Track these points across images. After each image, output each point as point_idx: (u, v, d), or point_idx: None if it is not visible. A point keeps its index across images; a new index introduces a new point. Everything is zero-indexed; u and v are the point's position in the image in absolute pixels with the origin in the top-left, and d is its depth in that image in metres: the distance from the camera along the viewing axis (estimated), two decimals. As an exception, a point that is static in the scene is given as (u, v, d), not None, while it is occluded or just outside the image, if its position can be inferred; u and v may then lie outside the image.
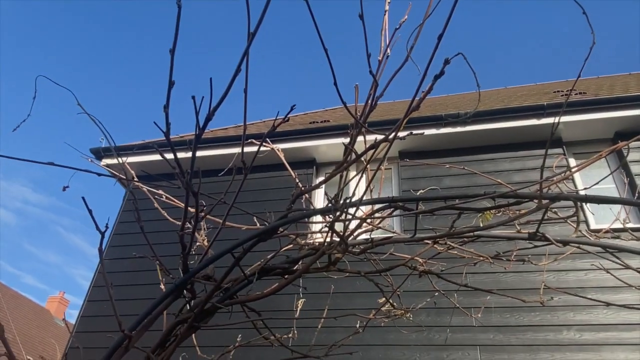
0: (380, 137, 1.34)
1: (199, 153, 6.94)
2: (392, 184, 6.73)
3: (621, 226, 2.40)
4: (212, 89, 0.98)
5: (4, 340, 1.06)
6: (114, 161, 7.13)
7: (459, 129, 6.35)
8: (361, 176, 1.56)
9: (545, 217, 1.67)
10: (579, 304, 5.04)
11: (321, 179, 7.18)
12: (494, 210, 1.93)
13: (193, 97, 0.96)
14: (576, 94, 7.33)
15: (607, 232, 2.34)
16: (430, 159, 6.40)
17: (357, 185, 1.56)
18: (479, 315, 2.88)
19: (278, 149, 2.00)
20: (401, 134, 1.41)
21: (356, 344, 5.09)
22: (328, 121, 8.02)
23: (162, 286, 2.17)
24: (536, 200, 1.47)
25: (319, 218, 3.28)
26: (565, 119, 6.16)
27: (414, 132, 1.34)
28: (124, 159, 2.37)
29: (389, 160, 6.97)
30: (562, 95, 7.34)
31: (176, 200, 1.94)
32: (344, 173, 1.49)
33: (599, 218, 5.57)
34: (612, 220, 2.32)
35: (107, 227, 1.17)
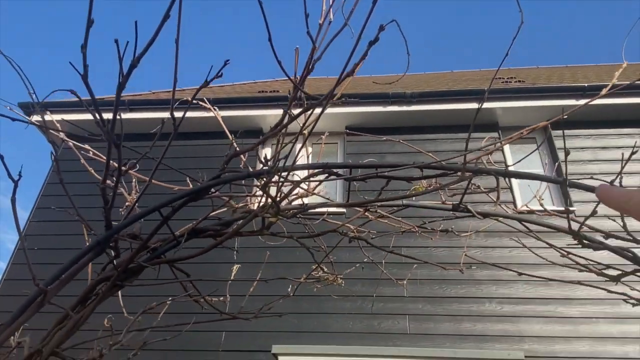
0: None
1: (131, 115, 6.65)
2: (337, 159, 6.80)
3: (540, 208, 2.58)
4: (137, 34, 0.94)
5: None
6: (45, 118, 6.68)
7: (404, 107, 6.49)
8: (302, 144, 1.56)
9: (469, 191, 1.76)
10: (501, 278, 5.41)
11: (267, 149, 7.13)
12: (425, 184, 2.02)
13: (116, 41, 0.91)
14: (516, 81, 7.68)
15: (530, 212, 2.50)
16: (377, 134, 6.50)
17: (292, 150, 1.56)
18: (405, 282, 3.03)
19: (214, 109, 1.96)
20: (340, 111, 1.42)
21: (293, 312, 5.21)
22: (277, 91, 7.92)
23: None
24: (460, 173, 1.55)
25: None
26: (502, 104, 6.45)
27: (349, 99, 1.35)
28: (55, 116, 2.23)
29: (335, 135, 7.03)
30: (503, 82, 7.66)
31: (102, 156, 1.85)
32: (281, 136, 1.48)
33: (527, 199, 5.94)
34: (535, 202, 2.48)
35: (20, 175, 1.11)
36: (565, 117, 1.56)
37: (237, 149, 1.71)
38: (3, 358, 1.72)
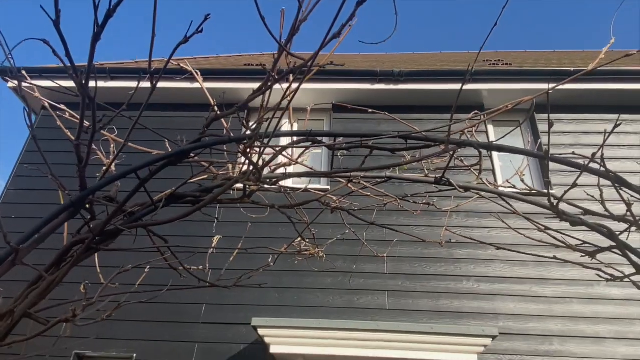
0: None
1: (113, 84, 6.47)
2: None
3: (522, 185, 2.61)
4: (113, -20, 0.89)
5: None
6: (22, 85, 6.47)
7: (392, 86, 6.45)
8: (285, 109, 1.53)
9: (452, 166, 1.76)
10: (479, 257, 5.50)
11: (251, 123, 7.03)
12: (407, 157, 2.01)
13: (90, -14, 0.86)
14: (503, 64, 7.68)
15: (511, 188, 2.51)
16: (364, 114, 6.46)
17: (277, 123, 1.53)
18: (385, 255, 3.07)
19: (196, 73, 1.90)
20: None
21: (274, 287, 5.24)
22: (264, 65, 7.78)
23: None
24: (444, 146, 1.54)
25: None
26: (488, 86, 6.46)
27: (335, 62, 1.32)
28: (34, 82, 2.15)
29: (321, 112, 6.97)
30: (490, 64, 7.66)
31: (77, 116, 1.80)
32: (266, 99, 1.45)
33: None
34: (516, 180, 2.50)
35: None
36: (551, 91, 1.55)
37: (218, 112, 1.67)
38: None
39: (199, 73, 1.87)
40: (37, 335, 1.29)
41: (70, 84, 4.10)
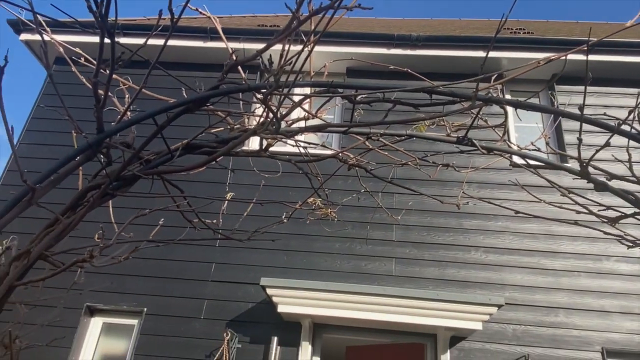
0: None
1: (126, 40, 6.38)
2: (336, 100, 6.66)
3: (548, 151, 2.54)
4: None
5: None
6: (33, 37, 6.40)
7: (408, 51, 6.29)
8: (306, 58, 1.47)
9: (475, 124, 1.70)
10: (489, 229, 5.48)
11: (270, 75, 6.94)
12: (427, 121, 1.95)
13: None
14: (525, 32, 7.44)
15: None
16: (379, 79, 6.33)
17: (295, 76, 1.48)
18: (399, 217, 3.07)
19: (215, 19, 1.84)
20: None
21: (282, 249, 5.28)
22: (278, 26, 7.61)
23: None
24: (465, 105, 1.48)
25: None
26: (509, 54, 6.27)
27: (363, 6, 1.25)
28: (53, 37, 2.10)
29: (335, 76, 6.84)
30: (512, 32, 7.41)
31: (93, 61, 1.75)
32: (286, 48, 1.39)
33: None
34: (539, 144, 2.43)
35: (6, 61, 1.02)
36: (576, 56, 1.48)
37: (236, 58, 1.62)
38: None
39: (218, 21, 1.80)
40: (54, 274, 1.29)
41: (80, 39, 4.00)
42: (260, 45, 5.47)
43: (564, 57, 1.94)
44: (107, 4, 0.95)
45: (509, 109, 1.93)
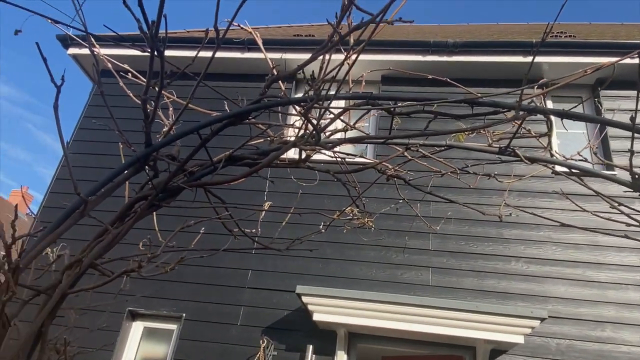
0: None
1: (165, 53, 6.60)
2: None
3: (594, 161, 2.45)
4: None
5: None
6: (80, 51, 6.71)
7: (445, 58, 6.21)
8: (348, 71, 1.48)
9: (518, 133, 1.66)
10: (530, 239, 5.32)
11: (300, 95, 7.00)
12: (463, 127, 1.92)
13: None
14: (566, 36, 7.22)
15: (576, 157, 2.38)
16: (414, 86, 6.29)
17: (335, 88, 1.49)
18: (438, 227, 3.02)
19: (255, 33, 1.88)
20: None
21: (317, 257, 5.29)
22: (313, 36, 7.69)
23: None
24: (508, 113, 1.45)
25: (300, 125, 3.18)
26: (550, 59, 6.09)
27: (404, 19, 1.25)
28: (99, 51, 2.20)
29: (369, 85, 6.84)
30: (553, 36, 7.21)
31: (142, 78, 1.82)
32: (326, 60, 1.41)
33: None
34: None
35: (62, 80, 1.08)
36: (622, 61, 1.42)
37: (276, 72, 1.65)
38: (45, 270, 1.78)
39: (259, 35, 1.84)
40: (105, 283, 1.35)
41: (126, 52, 4.17)
42: (297, 56, 5.55)
43: (612, 64, 1.87)
44: (157, 26, 0.99)
45: (554, 118, 1.87)
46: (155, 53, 1.06)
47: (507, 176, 2.54)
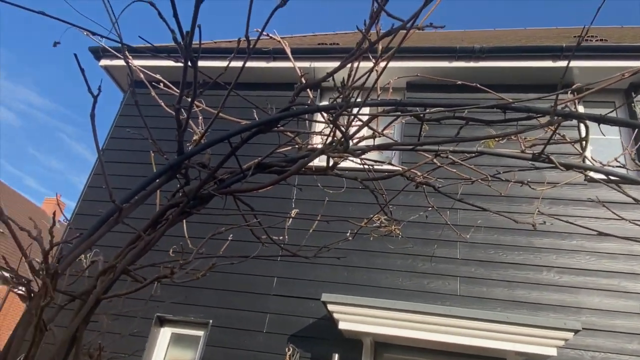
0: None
1: (200, 63, 6.73)
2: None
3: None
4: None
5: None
6: (112, 62, 6.91)
7: (471, 63, 6.14)
8: (375, 80, 1.48)
9: (552, 139, 1.62)
10: (562, 248, 5.16)
11: (325, 103, 7.03)
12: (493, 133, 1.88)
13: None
14: (597, 40, 7.04)
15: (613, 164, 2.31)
16: (440, 93, 6.23)
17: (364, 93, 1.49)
18: (468, 236, 2.96)
19: (284, 42, 1.90)
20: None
21: (343, 265, 5.26)
22: (337, 44, 7.72)
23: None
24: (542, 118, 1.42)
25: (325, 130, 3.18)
26: (580, 64, 5.94)
27: (435, 24, 1.24)
28: (132, 62, 2.26)
29: (395, 91, 6.81)
30: (582, 40, 7.04)
31: (174, 88, 1.86)
32: (354, 68, 1.41)
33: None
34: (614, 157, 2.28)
35: (99, 90, 1.12)
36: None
37: (304, 81, 1.66)
38: (78, 275, 1.82)
39: (287, 44, 1.86)
40: (138, 289, 1.37)
41: (156, 63, 4.27)
42: (322, 64, 5.56)
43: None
44: (191, 37, 1.01)
45: (589, 123, 1.82)
46: (189, 63, 1.08)
47: (538, 183, 2.48)
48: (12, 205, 21.21)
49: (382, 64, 1.39)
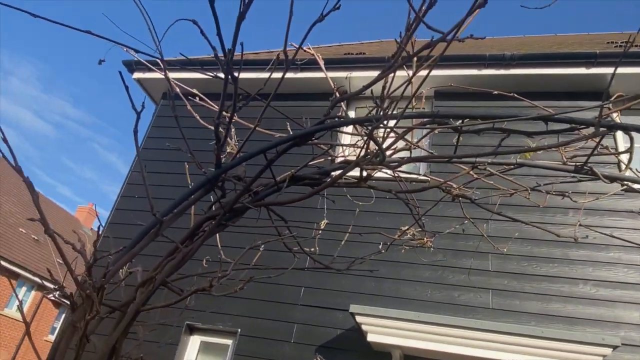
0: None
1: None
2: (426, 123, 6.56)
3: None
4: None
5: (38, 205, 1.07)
6: (144, 75, 7.09)
7: (502, 71, 6.04)
8: (416, 91, 1.46)
9: (596, 152, 1.57)
10: (599, 260, 4.99)
11: (352, 113, 7.03)
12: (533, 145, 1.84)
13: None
14: (634, 46, 6.83)
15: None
16: (469, 101, 6.15)
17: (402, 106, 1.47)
18: (505, 249, 2.89)
19: (318, 55, 1.91)
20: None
21: (370, 276, 5.21)
22: (364, 53, 7.73)
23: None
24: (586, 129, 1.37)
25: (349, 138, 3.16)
26: (617, 70, 5.77)
27: (475, 35, 1.22)
28: (171, 74, 2.32)
29: (424, 99, 6.75)
30: (617, 46, 6.85)
31: (210, 102, 1.89)
32: (389, 79, 1.40)
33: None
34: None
35: (143, 106, 1.14)
36: None
37: (338, 94, 1.65)
38: (116, 285, 1.85)
39: (320, 56, 1.87)
40: (177, 302, 1.38)
41: (186, 75, 4.34)
42: (348, 74, 5.50)
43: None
44: (232, 54, 1.03)
45: (633, 134, 1.76)
46: (229, 79, 1.09)
47: (578, 194, 2.40)
48: (47, 214, 21.85)
49: (421, 73, 1.37)
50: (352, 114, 6.79)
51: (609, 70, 5.80)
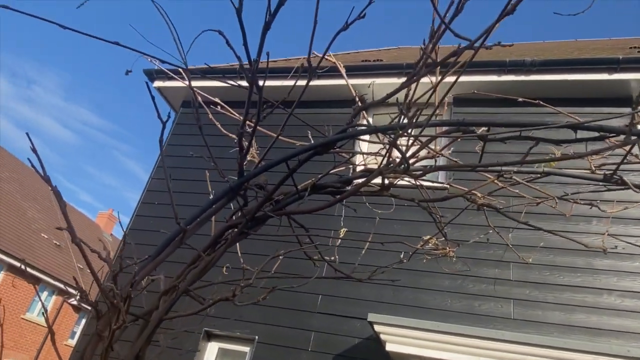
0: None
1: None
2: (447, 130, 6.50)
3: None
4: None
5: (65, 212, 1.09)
6: (165, 84, 7.18)
7: (522, 77, 5.97)
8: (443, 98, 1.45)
9: (625, 160, 1.53)
10: (624, 270, 4.86)
11: (370, 119, 7.00)
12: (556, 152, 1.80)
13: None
14: (657, 50, 6.69)
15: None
16: (488, 107, 6.08)
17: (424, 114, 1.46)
18: (530, 260, 2.82)
19: (339, 63, 1.90)
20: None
21: (388, 284, 5.15)
22: (381, 60, 7.72)
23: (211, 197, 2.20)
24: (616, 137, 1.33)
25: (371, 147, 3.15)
26: (637, 76, 5.66)
27: (503, 43, 1.21)
28: (187, 83, 2.34)
29: (446, 106, 6.71)
30: (639, 52, 6.70)
31: (232, 111, 1.90)
32: (413, 87, 1.39)
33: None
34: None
35: (169, 116, 1.15)
36: None
37: (360, 103, 1.65)
38: (139, 292, 1.86)
39: (342, 65, 1.87)
40: (200, 310, 1.38)
41: (206, 83, 4.37)
42: (365, 81, 5.51)
43: None
44: (257, 64, 1.03)
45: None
46: (254, 89, 1.09)
47: (604, 202, 2.34)
48: (70, 220, 22.23)
49: (447, 80, 1.35)
50: (370, 121, 6.77)
51: (633, 76, 5.68)
